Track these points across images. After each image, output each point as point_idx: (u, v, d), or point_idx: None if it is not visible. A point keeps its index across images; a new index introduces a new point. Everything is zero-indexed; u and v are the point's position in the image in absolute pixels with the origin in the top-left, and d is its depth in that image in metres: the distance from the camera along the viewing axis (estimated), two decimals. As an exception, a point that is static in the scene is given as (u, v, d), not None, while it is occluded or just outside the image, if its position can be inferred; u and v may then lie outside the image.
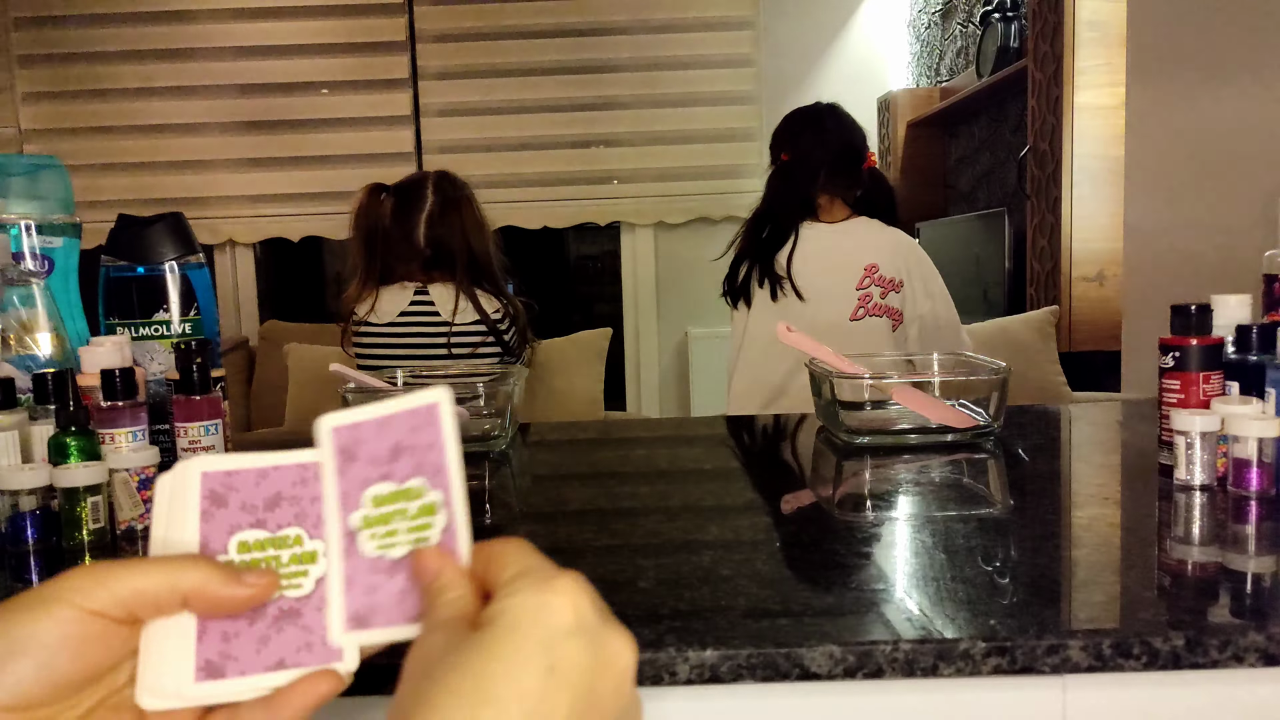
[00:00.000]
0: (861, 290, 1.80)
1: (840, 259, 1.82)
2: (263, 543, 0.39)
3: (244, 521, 0.39)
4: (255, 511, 0.39)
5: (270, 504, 0.39)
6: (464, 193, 1.97)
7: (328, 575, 0.39)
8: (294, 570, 0.39)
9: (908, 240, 1.87)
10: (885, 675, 0.54)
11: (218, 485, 0.39)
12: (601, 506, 0.88)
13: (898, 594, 0.61)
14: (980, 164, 3.21)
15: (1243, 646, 0.54)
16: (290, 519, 0.39)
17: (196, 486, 0.40)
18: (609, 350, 2.80)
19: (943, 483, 0.95)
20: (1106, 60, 2.37)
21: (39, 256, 0.94)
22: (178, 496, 0.40)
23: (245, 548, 0.39)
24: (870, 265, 1.79)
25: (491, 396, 1.18)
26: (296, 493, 0.39)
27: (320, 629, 0.39)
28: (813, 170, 1.85)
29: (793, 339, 1.18)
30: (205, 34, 3.51)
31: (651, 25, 3.57)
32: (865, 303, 1.79)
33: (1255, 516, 0.77)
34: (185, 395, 0.86)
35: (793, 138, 1.91)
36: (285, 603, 0.39)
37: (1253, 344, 0.86)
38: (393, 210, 1.92)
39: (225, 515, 0.39)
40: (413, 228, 1.90)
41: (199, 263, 0.97)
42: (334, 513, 0.39)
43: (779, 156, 1.93)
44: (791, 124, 1.95)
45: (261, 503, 0.39)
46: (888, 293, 1.80)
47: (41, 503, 0.78)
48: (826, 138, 1.87)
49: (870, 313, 1.78)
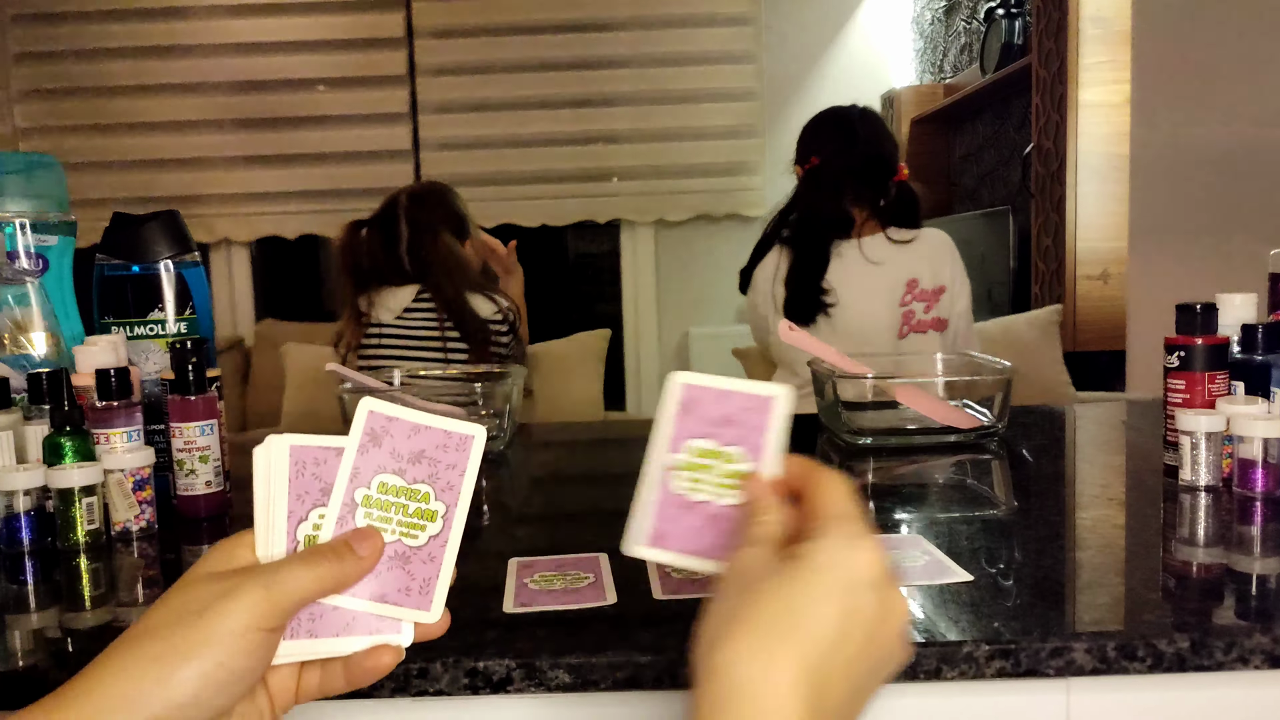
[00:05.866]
0: (904, 308, 1.74)
1: (880, 280, 1.74)
2: (398, 489, 0.44)
3: (389, 466, 0.44)
4: (400, 460, 0.44)
5: (414, 458, 0.44)
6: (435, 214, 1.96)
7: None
8: (415, 522, 0.44)
9: (941, 239, 1.79)
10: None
11: (378, 426, 0.44)
12: (601, 507, 0.88)
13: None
14: (984, 161, 3.20)
15: (1248, 649, 0.54)
16: (425, 476, 0.44)
17: (286, 458, 0.44)
18: (609, 350, 2.79)
19: (946, 484, 0.94)
20: (1111, 57, 2.35)
21: (34, 255, 0.94)
22: (277, 465, 0.44)
23: (384, 488, 0.44)
24: (910, 281, 1.72)
25: (490, 397, 1.17)
26: (436, 455, 0.44)
27: (421, 578, 0.44)
28: (842, 181, 1.77)
29: (794, 338, 1.18)
30: (201, 31, 3.50)
31: (651, 21, 3.56)
32: (909, 320, 1.74)
33: (1261, 517, 0.77)
34: (180, 395, 0.85)
35: (822, 142, 1.82)
36: (400, 547, 0.44)
37: (1258, 343, 0.86)
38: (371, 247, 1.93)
39: (377, 455, 0.44)
40: (397, 261, 1.92)
41: (194, 261, 0.97)
42: (662, 448, 0.45)
43: (808, 158, 1.84)
44: (821, 126, 1.86)
45: (407, 455, 0.44)
46: (931, 305, 1.74)
47: (36, 503, 0.78)
48: (858, 147, 1.79)
49: (914, 329, 1.74)
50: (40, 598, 0.70)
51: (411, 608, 0.44)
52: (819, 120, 1.88)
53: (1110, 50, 2.34)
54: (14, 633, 0.63)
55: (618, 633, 0.56)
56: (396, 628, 0.44)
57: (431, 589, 0.44)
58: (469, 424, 0.44)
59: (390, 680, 0.54)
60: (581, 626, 0.57)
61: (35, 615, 0.67)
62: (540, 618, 0.59)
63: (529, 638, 0.56)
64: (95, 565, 0.75)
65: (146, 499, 0.82)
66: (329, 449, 0.44)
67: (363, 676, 0.43)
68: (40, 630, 0.64)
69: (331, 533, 0.43)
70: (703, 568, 0.44)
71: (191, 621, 0.39)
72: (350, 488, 0.44)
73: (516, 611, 0.60)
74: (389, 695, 0.54)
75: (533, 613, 0.60)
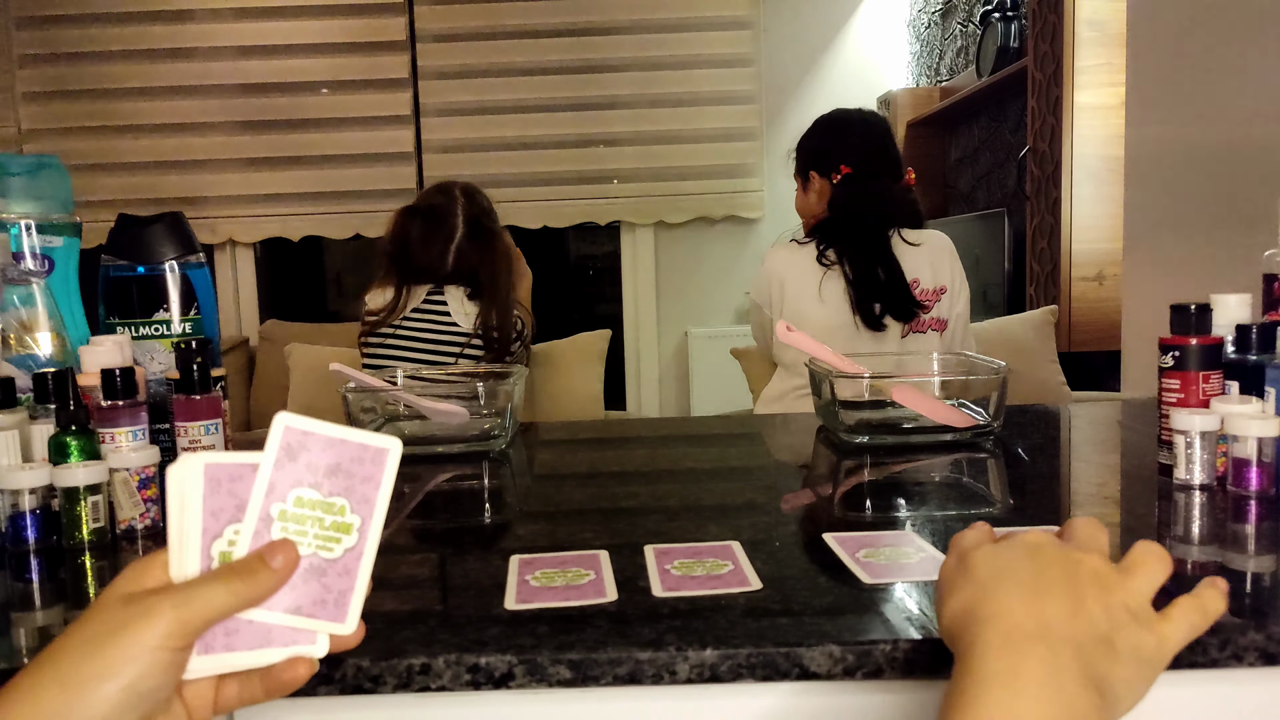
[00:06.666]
0: None
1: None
2: (314, 503, 0.44)
3: (305, 480, 0.44)
4: (317, 474, 0.44)
5: (330, 471, 0.44)
6: (494, 226, 1.98)
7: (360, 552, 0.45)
8: (331, 535, 0.44)
9: (942, 241, 1.80)
10: (885, 675, 0.54)
11: (294, 440, 0.43)
12: (602, 506, 0.88)
13: (897, 593, 0.61)
14: (980, 164, 3.21)
15: (1242, 646, 0.54)
16: (341, 489, 0.44)
17: (201, 476, 0.43)
18: (609, 350, 2.80)
19: (942, 482, 0.95)
20: (1106, 60, 2.37)
21: (39, 256, 0.94)
22: (191, 484, 0.43)
23: (299, 502, 0.43)
24: (912, 281, 1.73)
25: (491, 396, 1.18)
26: (352, 469, 0.44)
27: (337, 590, 0.44)
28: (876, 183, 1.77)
29: (793, 338, 1.18)
30: (206, 34, 3.51)
31: (651, 25, 3.57)
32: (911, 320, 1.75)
33: (1255, 516, 0.77)
34: (185, 395, 0.86)
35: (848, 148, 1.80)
36: (317, 560, 0.44)
37: (1252, 343, 0.86)
38: (421, 235, 1.93)
39: (293, 470, 0.43)
40: (440, 255, 1.93)
41: (199, 262, 0.97)
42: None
43: (836, 166, 1.80)
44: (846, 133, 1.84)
45: (324, 468, 0.44)
46: (931, 305, 1.74)
47: (42, 502, 0.78)
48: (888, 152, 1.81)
49: (914, 329, 1.75)
50: (45, 596, 0.71)
51: (327, 620, 0.44)
52: (838, 126, 1.86)
53: (1105, 53, 2.36)
54: (19, 631, 0.63)
55: (618, 629, 0.57)
56: (312, 639, 0.44)
57: (347, 601, 0.45)
58: (385, 437, 0.44)
59: (393, 676, 0.55)
60: (583, 623, 0.58)
61: (40, 614, 0.67)
62: (541, 614, 0.60)
63: (530, 634, 0.56)
64: (100, 564, 0.76)
65: (151, 498, 0.82)
66: (244, 465, 0.44)
67: (279, 688, 0.44)
68: (45, 629, 0.65)
69: (247, 548, 0.43)
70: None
71: (101, 643, 0.39)
72: (266, 503, 0.43)
73: (518, 608, 0.61)
74: (391, 691, 0.55)
75: (534, 609, 0.60)
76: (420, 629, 0.58)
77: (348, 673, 0.54)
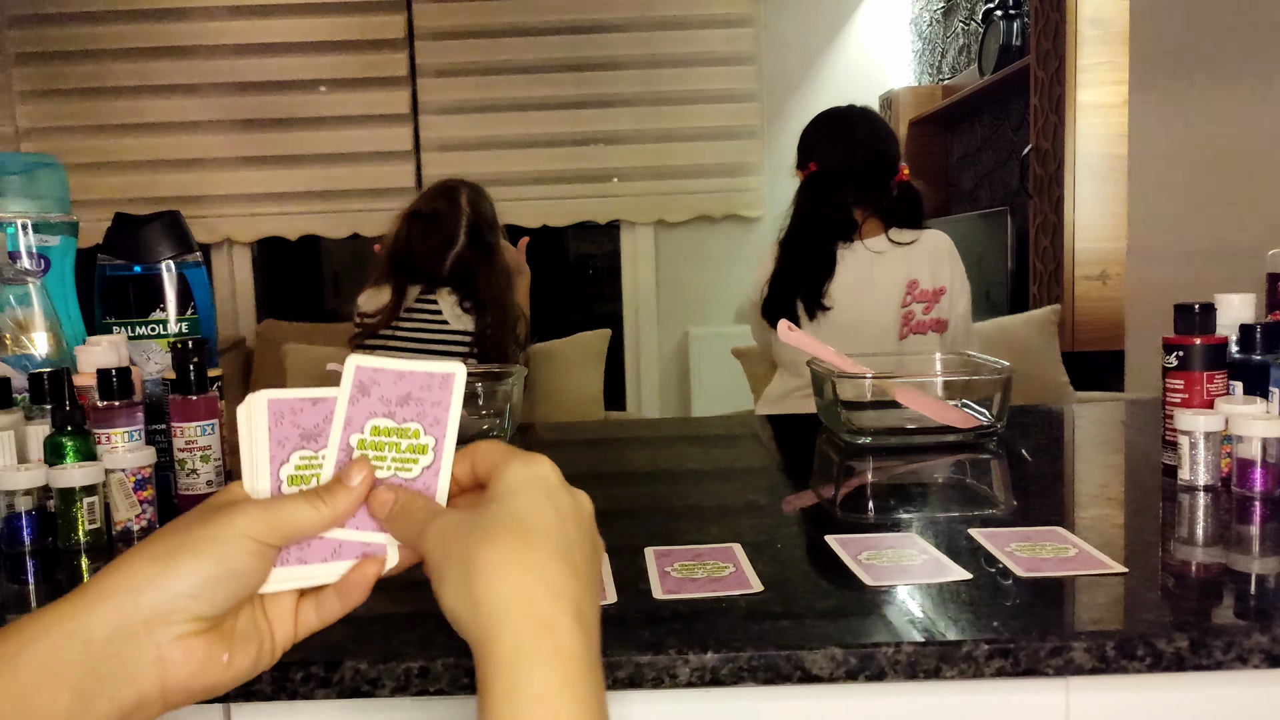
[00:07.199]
0: (904, 309, 1.73)
1: (881, 281, 1.74)
2: (389, 430, 0.47)
3: (380, 411, 0.47)
4: (389, 404, 0.47)
5: (402, 401, 0.47)
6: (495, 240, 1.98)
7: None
8: (408, 457, 0.47)
9: (942, 241, 1.79)
10: (887, 678, 0.54)
11: (365, 378, 0.47)
12: (601, 507, 0.88)
13: (900, 595, 0.61)
14: (982, 162, 3.20)
15: (1247, 648, 0.54)
16: (414, 415, 0.47)
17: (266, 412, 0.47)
18: (609, 350, 2.79)
19: (946, 483, 0.95)
20: (1109, 58, 2.36)
21: (35, 255, 0.94)
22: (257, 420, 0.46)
23: (376, 430, 0.47)
24: (911, 282, 1.72)
25: (491, 396, 1.18)
26: (422, 395, 0.47)
27: None
28: (842, 185, 1.75)
29: (794, 338, 1.18)
30: (202, 32, 3.50)
31: (651, 22, 3.56)
32: (909, 321, 1.73)
33: (1259, 517, 0.77)
34: (182, 395, 0.85)
35: (821, 145, 1.80)
36: (396, 482, 0.47)
37: (1257, 343, 0.86)
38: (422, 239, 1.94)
39: (366, 404, 0.47)
40: (438, 261, 1.93)
41: (196, 262, 0.97)
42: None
43: (806, 164, 1.81)
44: (820, 129, 1.84)
45: (395, 399, 0.47)
46: (930, 306, 1.73)
47: (37, 503, 0.78)
48: (857, 150, 1.77)
49: (913, 330, 1.74)
50: (41, 597, 0.70)
51: None
52: (817, 123, 1.86)
53: (1108, 51, 2.35)
54: (16, 632, 0.63)
55: (618, 632, 0.56)
56: (383, 550, 0.46)
57: None
58: (449, 363, 0.48)
59: (391, 680, 0.54)
60: (582, 625, 0.57)
61: (37, 615, 0.67)
62: (541, 617, 0.59)
63: (530, 637, 0.56)
64: (96, 565, 0.75)
65: (148, 498, 0.82)
66: (304, 399, 0.47)
67: (351, 592, 0.46)
68: (42, 629, 0.64)
69: (330, 477, 0.46)
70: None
71: (189, 527, 0.42)
72: (344, 435, 0.47)
73: (517, 611, 0.60)
74: (389, 695, 0.55)
75: (534, 612, 0.60)
76: (418, 632, 0.58)
77: (345, 675, 0.54)
